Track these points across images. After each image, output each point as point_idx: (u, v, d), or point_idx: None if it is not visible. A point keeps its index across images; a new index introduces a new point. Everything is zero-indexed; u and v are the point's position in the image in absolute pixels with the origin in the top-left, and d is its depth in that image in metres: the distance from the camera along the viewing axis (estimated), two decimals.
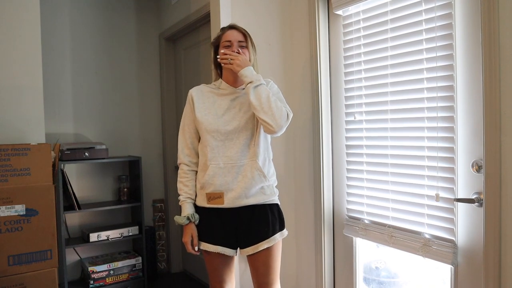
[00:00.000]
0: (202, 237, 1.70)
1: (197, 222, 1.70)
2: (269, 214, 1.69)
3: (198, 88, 1.79)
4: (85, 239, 2.88)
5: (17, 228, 1.85)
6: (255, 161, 1.65)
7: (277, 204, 1.74)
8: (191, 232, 1.68)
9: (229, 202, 1.64)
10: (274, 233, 1.68)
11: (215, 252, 1.68)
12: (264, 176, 1.66)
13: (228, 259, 1.73)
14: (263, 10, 2.38)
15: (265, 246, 1.65)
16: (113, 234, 2.92)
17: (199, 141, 1.75)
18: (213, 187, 1.64)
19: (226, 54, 1.66)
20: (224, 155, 1.64)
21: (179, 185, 1.74)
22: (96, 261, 2.95)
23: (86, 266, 2.88)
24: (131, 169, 3.18)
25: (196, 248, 1.70)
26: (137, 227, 3.02)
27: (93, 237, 2.83)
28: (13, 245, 1.84)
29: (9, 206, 1.84)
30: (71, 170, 3.01)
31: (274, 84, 1.79)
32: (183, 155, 1.74)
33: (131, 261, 2.99)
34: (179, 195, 1.75)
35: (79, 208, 2.75)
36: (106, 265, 2.89)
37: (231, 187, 1.63)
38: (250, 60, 1.69)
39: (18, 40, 2.11)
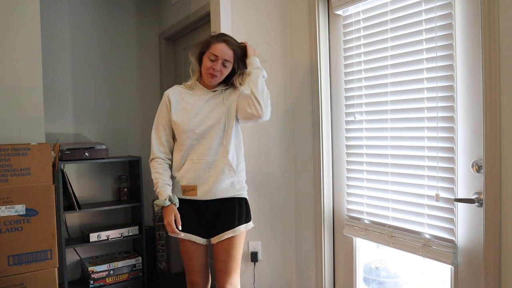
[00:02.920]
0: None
1: (177, 204, 1.78)
2: (237, 206, 1.82)
3: (174, 89, 1.89)
4: (85, 239, 2.88)
5: (17, 228, 1.85)
6: (226, 157, 1.78)
7: (245, 198, 1.87)
8: (173, 212, 1.76)
9: (201, 194, 1.78)
10: (239, 224, 1.81)
11: (188, 240, 1.81)
12: (234, 171, 1.80)
13: (200, 248, 1.84)
14: (263, 10, 2.38)
15: (229, 235, 1.78)
16: (113, 234, 2.92)
17: (173, 138, 1.87)
18: (187, 180, 1.78)
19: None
20: (198, 152, 1.77)
21: (155, 175, 1.82)
22: (96, 261, 2.95)
23: (86, 266, 2.88)
24: (131, 169, 3.18)
25: (180, 227, 1.76)
26: (137, 227, 3.02)
27: (93, 237, 2.83)
28: (13, 245, 1.84)
29: (9, 206, 1.83)
30: (71, 170, 3.00)
31: None
32: (158, 151, 1.84)
33: (131, 261, 2.99)
34: (154, 184, 1.81)
35: (79, 208, 2.75)
36: (106, 265, 2.89)
37: (203, 181, 1.77)
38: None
39: (18, 40, 2.11)
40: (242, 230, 1.82)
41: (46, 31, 2.83)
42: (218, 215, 1.81)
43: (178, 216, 1.76)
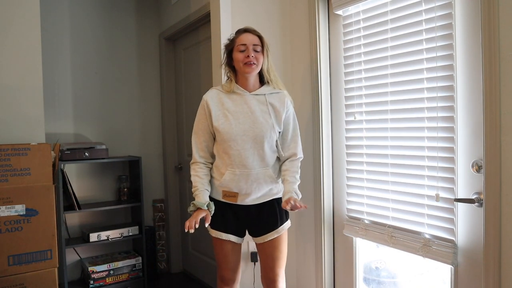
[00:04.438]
0: (216, 226, 1.82)
1: (212, 212, 1.74)
2: (277, 207, 1.83)
3: (212, 93, 1.81)
4: (85, 239, 2.88)
5: (17, 228, 1.85)
6: (267, 169, 1.78)
7: (281, 198, 1.84)
8: (206, 213, 1.69)
9: (241, 201, 1.79)
10: (281, 223, 1.83)
11: (226, 240, 1.82)
12: (275, 182, 1.81)
13: (236, 246, 1.87)
14: (263, 10, 2.38)
15: (275, 236, 1.81)
16: (113, 234, 2.92)
17: (213, 142, 1.83)
18: (228, 188, 1.78)
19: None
20: (240, 164, 1.74)
21: (194, 178, 1.80)
22: (96, 261, 2.95)
23: (86, 266, 2.88)
24: (131, 169, 3.18)
25: (207, 224, 1.68)
26: (137, 227, 3.02)
27: (93, 237, 2.83)
28: (13, 245, 1.83)
29: (9, 206, 1.83)
30: (71, 170, 3.01)
31: (291, 106, 1.84)
32: (198, 156, 1.83)
33: (131, 261, 2.99)
34: (193, 187, 1.78)
35: (79, 208, 2.75)
36: (106, 265, 2.89)
37: (244, 192, 1.77)
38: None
39: (18, 40, 2.11)
40: (285, 228, 1.84)
41: (46, 31, 2.83)
42: (258, 217, 1.82)
43: (209, 216, 1.70)
